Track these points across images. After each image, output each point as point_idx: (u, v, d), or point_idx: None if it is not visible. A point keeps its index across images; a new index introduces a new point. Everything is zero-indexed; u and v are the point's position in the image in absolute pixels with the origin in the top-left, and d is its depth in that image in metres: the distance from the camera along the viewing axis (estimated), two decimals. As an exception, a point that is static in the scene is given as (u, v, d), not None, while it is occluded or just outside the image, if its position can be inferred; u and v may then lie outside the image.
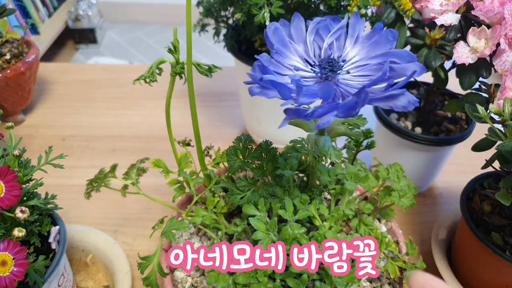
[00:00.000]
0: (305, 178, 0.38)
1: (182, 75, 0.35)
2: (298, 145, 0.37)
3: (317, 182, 0.37)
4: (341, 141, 0.41)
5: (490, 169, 0.42)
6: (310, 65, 0.27)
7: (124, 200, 0.61)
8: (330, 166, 0.39)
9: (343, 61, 0.26)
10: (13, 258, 0.33)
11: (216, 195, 0.38)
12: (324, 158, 0.29)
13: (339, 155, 0.30)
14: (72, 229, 0.50)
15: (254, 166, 0.36)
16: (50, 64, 0.92)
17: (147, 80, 0.35)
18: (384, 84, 0.23)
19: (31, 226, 0.37)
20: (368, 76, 0.25)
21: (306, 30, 0.28)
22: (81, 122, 0.75)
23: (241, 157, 0.36)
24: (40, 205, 0.37)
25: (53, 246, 0.39)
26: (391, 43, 0.25)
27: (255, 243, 0.30)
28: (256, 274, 0.30)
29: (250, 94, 0.25)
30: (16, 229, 0.33)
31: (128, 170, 0.40)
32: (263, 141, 0.37)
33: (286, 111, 0.23)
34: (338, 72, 0.25)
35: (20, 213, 0.33)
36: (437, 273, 0.48)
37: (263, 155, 0.36)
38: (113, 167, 0.39)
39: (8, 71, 0.65)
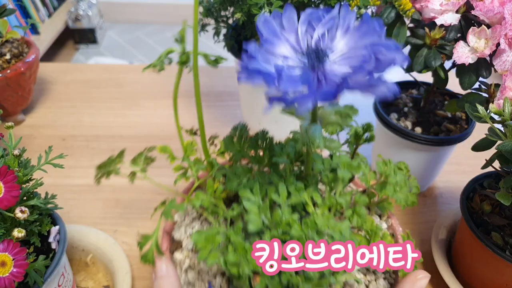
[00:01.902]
0: (302, 168, 0.39)
1: (188, 64, 0.37)
2: (297, 136, 0.37)
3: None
4: (343, 137, 0.42)
5: (490, 169, 0.42)
6: (300, 54, 0.28)
7: (124, 200, 0.61)
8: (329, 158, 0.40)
9: (331, 51, 0.27)
10: (13, 259, 0.33)
11: (216, 181, 0.39)
12: (313, 145, 0.30)
13: (334, 145, 0.31)
14: (72, 229, 0.50)
15: (251, 155, 0.37)
16: (50, 64, 0.92)
17: (157, 68, 0.37)
18: (366, 73, 0.24)
19: (31, 226, 0.37)
20: (353, 66, 0.27)
21: (299, 21, 0.29)
22: (81, 122, 0.75)
23: (237, 145, 0.37)
24: (40, 205, 0.37)
25: (53, 246, 0.39)
26: (378, 33, 0.26)
27: (248, 229, 0.31)
28: (246, 254, 0.30)
29: (237, 81, 0.26)
30: (16, 230, 0.33)
31: (136, 157, 0.41)
32: (260, 130, 0.38)
33: (268, 97, 0.24)
34: (324, 61, 0.26)
35: (20, 213, 0.33)
36: (437, 273, 0.48)
37: (259, 143, 0.37)
38: (121, 153, 0.40)
39: (8, 71, 0.65)
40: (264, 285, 0.30)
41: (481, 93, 0.46)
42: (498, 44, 0.42)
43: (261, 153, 0.37)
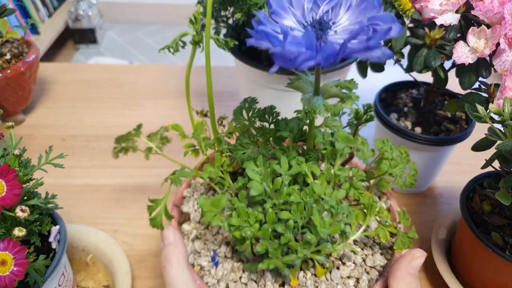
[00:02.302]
0: (305, 147, 0.40)
1: (201, 44, 0.39)
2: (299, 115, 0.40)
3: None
4: (344, 120, 0.43)
5: (490, 169, 0.42)
6: (304, 27, 0.31)
7: (124, 199, 0.61)
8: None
9: (334, 24, 0.30)
10: (13, 258, 0.33)
11: (223, 155, 0.42)
12: (315, 113, 0.32)
13: (336, 123, 0.35)
14: (73, 229, 0.50)
15: (257, 126, 0.39)
16: (50, 64, 0.92)
17: (171, 50, 0.39)
18: (363, 39, 0.26)
19: (32, 225, 0.37)
20: (351, 34, 0.29)
21: None
22: (81, 122, 0.75)
23: (246, 116, 0.40)
24: (40, 204, 0.37)
25: (54, 245, 0.39)
26: (377, 9, 0.29)
27: (250, 194, 0.33)
28: (249, 218, 0.32)
29: (246, 44, 0.28)
30: (16, 228, 0.33)
31: (152, 135, 0.43)
32: (267, 105, 0.40)
33: (273, 55, 0.26)
34: (326, 32, 0.29)
35: (21, 212, 0.33)
36: (436, 273, 0.48)
37: (266, 116, 0.40)
38: (139, 126, 0.42)
39: (8, 71, 0.65)
40: (264, 248, 0.31)
41: (481, 93, 0.46)
42: (498, 44, 0.42)
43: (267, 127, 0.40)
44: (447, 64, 0.50)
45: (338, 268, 0.35)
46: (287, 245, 0.32)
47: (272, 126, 0.40)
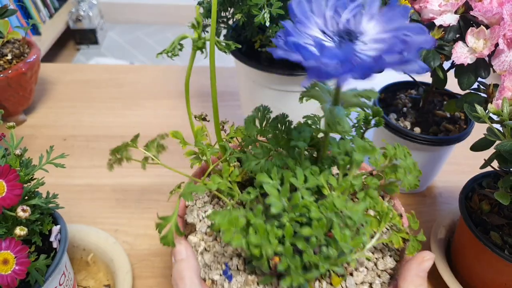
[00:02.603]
0: (315, 154, 0.40)
1: (204, 50, 0.38)
2: (310, 121, 0.39)
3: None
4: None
5: (488, 168, 0.42)
6: (329, 36, 0.30)
7: (124, 199, 0.61)
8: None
9: (360, 34, 0.29)
10: (15, 257, 0.33)
11: (231, 165, 0.40)
12: (339, 125, 0.31)
13: (346, 128, 0.32)
14: (73, 228, 0.51)
15: (270, 135, 0.38)
16: (51, 65, 0.92)
17: (169, 54, 0.37)
18: (396, 53, 0.26)
19: (33, 225, 0.38)
20: (383, 48, 0.28)
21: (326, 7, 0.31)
22: (82, 122, 0.75)
23: (258, 126, 0.39)
24: (41, 204, 0.37)
25: (54, 245, 0.39)
26: (405, 18, 0.28)
27: (267, 209, 0.32)
28: (268, 236, 0.31)
29: (274, 56, 0.27)
30: (18, 227, 0.33)
31: (148, 143, 0.42)
32: (280, 113, 0.39)
33: (308, 70, 0.25)
34: (356, 41, 0.28)
35: (22, 212, 0.33)
36: (436, 272, 0.49)
37: (279, 125, 0.39)
38: (136, 137, 0.41)
39: (10, 71, 0.65)
40: (286, 265, 0.31)
41: (479, 93, 0.47)
42: (496, 45, 0.42)
43: (279, 136, 0.39)
44: (446, 65, 0.51)
45: (351, 274, 0.35)
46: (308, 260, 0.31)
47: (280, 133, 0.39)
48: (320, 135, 0.38)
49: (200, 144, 0.41)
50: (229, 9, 0.57)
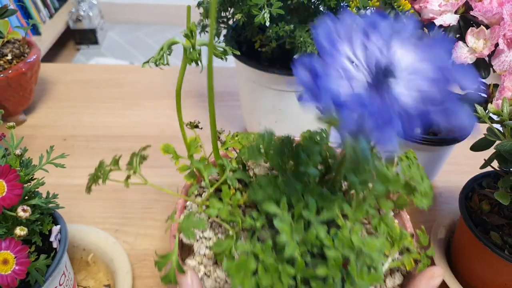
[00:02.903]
0: (323, 170, 0.37)
1: (199, 62, 0.33)
2: (318, 137, 0.36)
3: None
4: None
5: (488, 168, 0.42)
6: (357, 66, 0.25)
7: (125, 199, 0.61)
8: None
9: (394, 67, 0.24)
10: (15, 257, 0.33)
11: (231, 187, 0.37)
12: (367, 165, 0.29)
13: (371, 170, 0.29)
14: (73, 228, 0.51)
15: (276, 161, 0.35)
16: (51, 65, 0.92)
17: (157, 63, 0.33)
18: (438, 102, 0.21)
19: (33, 225, 0.38)
20: (421, 90, 0.23)
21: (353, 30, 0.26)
22: (82, 122, 0.75)
23: (264, 153, 0.36)
24: (41, 204, 0.37)
25: (54, 245, 0.39)
26: (448, 54, 0.23)
27: (279, 246, 0.29)
28: (280, 276, 0.29)
29: (298, 101, 0.23)
30: (18, 228, 0.33)
31: (131, 159, 0.40)
32: (284, 136, 0.36)
33: (346, 123, 0.21)
34: (390, 82, 0.23)
35: (22, 212, 0.33)
36: (436, 273, 0.49)
37: (285, 150, 0.35)
38: (116, 161, 0.40)
39: (10, 71, 0.65)
40: None
41: (479, 93, 0.47)
42: (496, 45, 0.42)
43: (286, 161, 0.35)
44: (446, 65, 0.51)
45: None
46: None
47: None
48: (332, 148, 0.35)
49: (196, 162, 0.38)
50: (229, 9, 0.57)
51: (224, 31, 0.62)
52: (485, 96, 0.46)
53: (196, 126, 0.41)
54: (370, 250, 0.30)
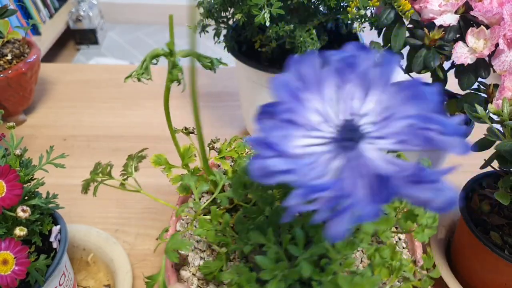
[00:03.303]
0: None
1: (181, 80, 0.31)
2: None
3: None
4: None
5: (489, 168, 0.42)
6: (325, 118, 0.22)
7: (125, 199, 0.61)
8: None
9: (365, 124, 0.21)
10: (15, 257, 0.33)
11: (221, 207, 0.36)
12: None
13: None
14: (73, 229, 0.51)
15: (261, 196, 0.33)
16: (51, 65, 0.92)
17: (141, 78, 0.30)
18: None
19: (33, 225, 0.38)
20: (396, 143, 0.20)
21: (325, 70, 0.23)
22: (82, 122, 0.75)
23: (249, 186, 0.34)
24: (41, 204, 0.37)
25: (54, 245, 0.39)
26: (428, 102, 0.20)
27: (262, 282, 0.28)
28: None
29: (252, 177, 0.20)
30: (18, 228, 0.33)
31: (126, 163, 0.40)
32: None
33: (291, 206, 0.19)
34: (360, 141, 0.20)
35: (22, 212, 0.33)
36: (436, 273, 0.48)
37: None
38: (109, 170, 0.39)
39: (10, 72, 0.65)
40: None
41: (480, 93, 0.47)
42: (497, 45, 0.42)
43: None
44: (446, 65, 0.51)
45: None
46: None
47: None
48: None
49: (187, 177, 0.36)
50: (229, 9, 0.57)
51: (224, 31, 0.62)
52: (485, 96, 0.46)
53: (191, 132, 0.40)
54: None
